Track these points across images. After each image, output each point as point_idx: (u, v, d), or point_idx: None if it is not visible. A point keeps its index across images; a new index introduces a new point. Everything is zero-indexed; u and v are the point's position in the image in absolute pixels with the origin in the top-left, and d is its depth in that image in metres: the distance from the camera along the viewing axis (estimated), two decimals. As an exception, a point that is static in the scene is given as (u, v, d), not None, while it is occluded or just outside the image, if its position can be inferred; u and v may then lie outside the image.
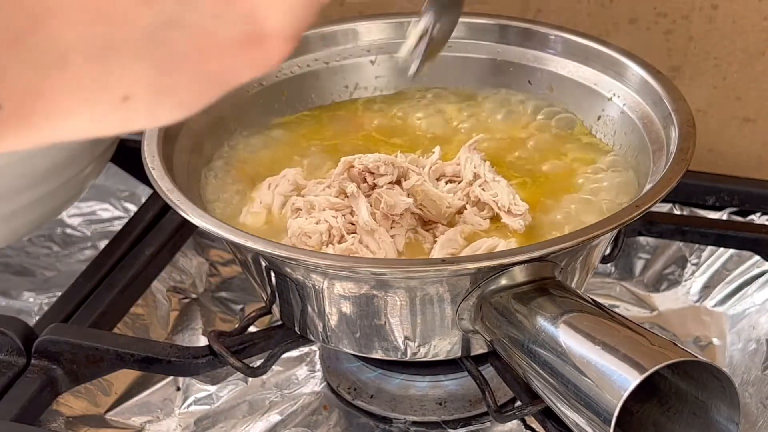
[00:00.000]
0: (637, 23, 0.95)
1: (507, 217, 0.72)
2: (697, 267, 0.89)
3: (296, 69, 0.85)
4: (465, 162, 0.75)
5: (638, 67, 0.79)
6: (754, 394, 0.77)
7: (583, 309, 0.64)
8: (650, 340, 0.61)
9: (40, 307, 0.90)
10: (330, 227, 0.71)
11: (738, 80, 0.94)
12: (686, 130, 0.73)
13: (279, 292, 0.72)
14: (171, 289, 0.89)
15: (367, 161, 0.73)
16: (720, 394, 0.60)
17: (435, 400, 0.77)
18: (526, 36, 0.85)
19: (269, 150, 0.82)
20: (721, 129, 0.96)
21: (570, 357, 0.61)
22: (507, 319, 0.65)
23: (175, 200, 0.69)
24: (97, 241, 0.97)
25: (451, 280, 0.66)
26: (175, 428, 0.78)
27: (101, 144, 0.89)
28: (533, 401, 0.68)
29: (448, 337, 0.70)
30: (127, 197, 1.01)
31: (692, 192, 0.92)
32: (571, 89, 0.83)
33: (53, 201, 0.88)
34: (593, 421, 0.59)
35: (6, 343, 0.78)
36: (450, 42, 0.86)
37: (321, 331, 0.72)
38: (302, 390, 0.80)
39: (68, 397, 0.78)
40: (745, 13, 0.92)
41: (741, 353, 0.82)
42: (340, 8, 1.00)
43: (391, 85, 0.87)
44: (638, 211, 0.66)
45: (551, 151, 0.80)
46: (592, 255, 0.73)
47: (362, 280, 0.67)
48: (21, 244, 0.96)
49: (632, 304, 0.88)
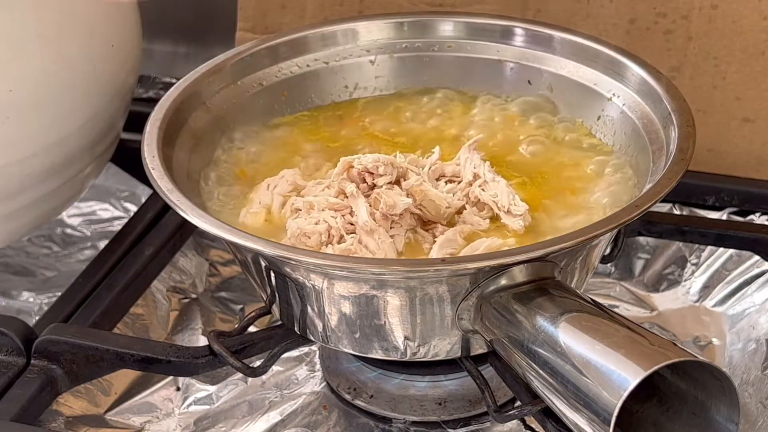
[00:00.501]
0: (636, 23, 0.95)
1: (507, 218, 0.72)
2: (697, 267, 0.89)
3: (296, 69, 0.85)
4: (465, 162, 0.75)
5: (638, 67, 0.79)
6: (754, 394, 0.77)
7: (582, 309, 0.64)
8: (650, 340, 0.61)
9: (40, 307, 0.90)
10: (329, 227, 0.71)
11: (738, 80, 0.94)
12: (686, 130, 0.73)
13: (279, 292, 0.72)
14: (171, 289, 0.89)
15: (366, 161, 0.73)
16: (719, 394, 0.60)
17: (435, 400, 0.77)
18: (525, 36, 0.85)
19: (269, 150, 0.82)
20: (721, 129, 0.96)
21: (570, 357, 0.61)
22: (507, 319, 0.65)
23: (175, 200, 0.69)
24: (97, 241, 0.97)
25: (451, 280, 0.66)
26: (175, 428, 0.78)
27: (101, 144, 0.89)
28: (533, 401, 0.68)
29: (447, 337, 0.70)
30: (127, 197, 1.01)
31: (692, 192, 0.92)
32: (571, 89, 0.83)
33: (53, 201, 0.88)
34: (593, 420, 0.59)
35: (6, 343, 0.78)
36: (450, 42, 0.87)
37: (321, 331, 0.72)
38: (302, 390, 0.80)
39: (68, 397, 0.78)
40: (745, 13, 0.92)
41: (741, 353, 0.82)
42: (340, 8, 1.00)
43: (391, 85, 0.87)
44: (638, 211, 0.66)
45: (550, 151, 0.80)
46: (592, 255, 0.73)
47: (362, 280, 0.67)
48: (21, 244, 0.96)
49: (632, 304, 0.88)
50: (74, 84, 0.83)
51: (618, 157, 0.79)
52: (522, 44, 0.85)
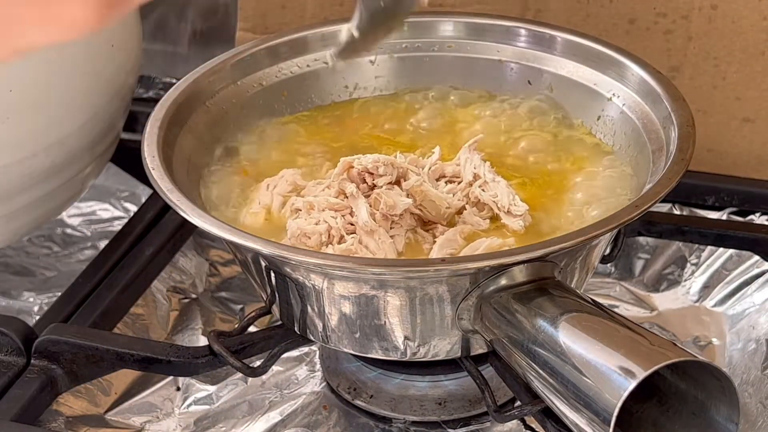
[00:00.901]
0: (636, 23, 0.95)
1: (507, 218, 0.72)
2: (697, 267, 0.89)
3: (296, 69, 0.85)
4: (465, 162, 0.75)
5: (638, 67, 0.79)
6: (754, 394, 0.77)
7: (582, 309, 0.64)
8: (650, 340, 0.61)
9: (40, 307, 0.90)
10: (329, 228, 0.71)
11: (737, 80, 0.94)
12: (686, 130, 0.73)
13: (279, 292, 0.72)
14: (171, 289, 0.89)
15: (366, 162, 0.73)
16: (719, 394, 0.60)
17: (435, 400, 0.77)
18: (525, 36, 0.85)
19: (269, 150, 0.82)
20: (720, 129, 0.96)
21: (570, 357, 0.61)
22: (507, 319, 0.65)
23: (175, 200, 0.69)
24: (97, 241, 0.97)
25: (451, 280, 0.66)
26: (175, 428, 0.78)
27: (101, 144, 0.89)
28: (533, 401, 0.68)
29: (447, 337, 0.70)
30: (127, 197, 1.01)
31: (692, 192, 0.92)
32: (571, 89, 0.83)
33: (53, 201, 0.88)
34: (593, 420, 0.59)
35: (6, 343, 0.78)
36: (450, 42, 0.86)
37: (321, 331, 0.72)
38: (302, 390, 0.80)
39: (68, 397, 0.78)
40: (745, 13, 0.92)
41: (740, 353, 0.82)
42: (340, 8, 1.00)
43: (390, 85, 0.87)
44: (638, 211, 0.66)
45: (550, 151, 0.80)
46: (592, 255, 0.73)
47: (362, 280, 0.67)
48: (21, 244, 0.96)
49: (632, 304, 0.88)
50: (74, 84, 0.83)
51: (618, 157, 0.79)
52: (522, 44, 0.85)
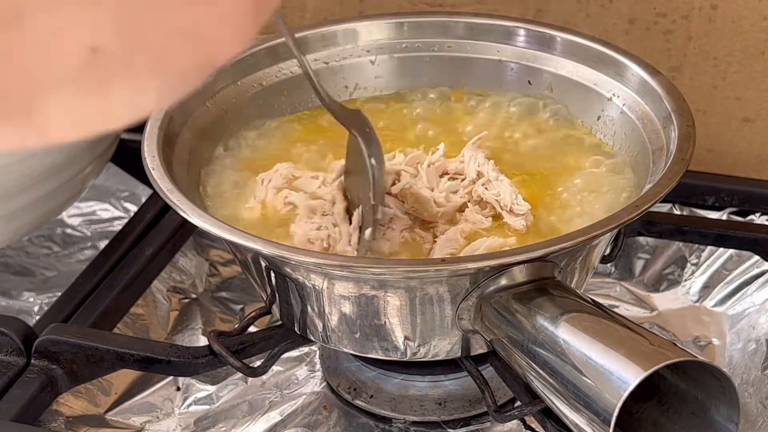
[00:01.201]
0: (636, 23, 0.95)
1: (509, 217, 0.72)
2: (697, 267, 0.89)
3: (296, 69, 0.85)
4: (468, 160, 0.76)
5: (638, 67, 0.79)
6: (754, 394, 0.77)
7: (582, 309, 0.64)
8: (650, 340, 0.61)
9: (40, 307, 0.90)
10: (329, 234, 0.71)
11: (737, 80, 0.94)
12: (686, 130, 0.73)
13: (279, 292, 0.72)
14: (171, 289, 0.89)
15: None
16: (719, 394, 0.60)
17: (435, 400, 0.77)
18: (525, 36, 0.85)
19: (269, 150, 0.82)
20: (720, 129, 0.96)
21: (570, 357, 0.61)
22: (507, 319, 0.65)
23: (175, 200, 0.69)
24: (97, 241, 0.97)
25: (451, 280, 0.66)
26: (175, 428, 0.78)
27: (101, 144, 0.89)
28: (533, 401, 0.68)
29: (447, 337, 0.70)
30: (127, 197, 1.01)
31: (692, 192, 0.92)
32: (571, 89, 0.83)
33: (53, 201, 0.88)
34: (593, 420, 0.59)
35: (6, 343, 0.78)
36: (450, 42, 0.86)
37: (321, 331, 0.72)
38: (302, 390, 0.80)
39: (68, 397, 0.78)
40: (745, 13, 0.92)
41: (740, 353, 0.82)
42: (340, 8, 1.00)
43: (390, 86, 0.87)
44: (638, 211, 0.66)
45: (551, 151, 0.80)
46: (592, 255, 0.73)
47: (362, 280, 0.67)
48: (21, 244, 0.96)
49: (632, 304, 0.88)
50: (74, 84, 0.83)
51: (618, 157, 0.79)
52: (522, 44, 0.85)
